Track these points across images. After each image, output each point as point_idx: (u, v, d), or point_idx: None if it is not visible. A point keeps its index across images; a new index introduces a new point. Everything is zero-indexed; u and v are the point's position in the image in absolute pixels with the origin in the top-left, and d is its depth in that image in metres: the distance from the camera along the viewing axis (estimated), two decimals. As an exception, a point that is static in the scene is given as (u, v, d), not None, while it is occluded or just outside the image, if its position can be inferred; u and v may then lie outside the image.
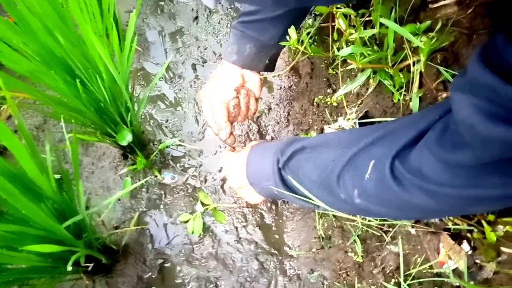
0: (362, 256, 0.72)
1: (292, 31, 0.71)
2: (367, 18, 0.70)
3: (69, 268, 0.59)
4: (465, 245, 0.60)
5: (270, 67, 0.84)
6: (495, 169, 0.37)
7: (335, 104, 0.84)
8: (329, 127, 0.82)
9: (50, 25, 0.66)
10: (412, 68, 0.61)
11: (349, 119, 0.76)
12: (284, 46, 0.76)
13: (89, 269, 0.72)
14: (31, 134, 1.04)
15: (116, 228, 0.89)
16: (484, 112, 0.33)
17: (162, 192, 0.94)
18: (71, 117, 0.80)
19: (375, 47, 0.66)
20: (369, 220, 0.69)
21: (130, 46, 0.73)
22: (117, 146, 0.96)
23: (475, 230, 0.59)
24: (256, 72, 0.80)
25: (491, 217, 0.58)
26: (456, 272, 0.61)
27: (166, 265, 0.85)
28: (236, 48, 0.76)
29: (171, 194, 0.93)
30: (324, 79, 0.89)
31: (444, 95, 0.58)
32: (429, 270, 0.64)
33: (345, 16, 0.73)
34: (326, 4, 0.73)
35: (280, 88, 1.02)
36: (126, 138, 0.86)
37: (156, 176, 0.95)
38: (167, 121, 1.04)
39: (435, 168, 0.42)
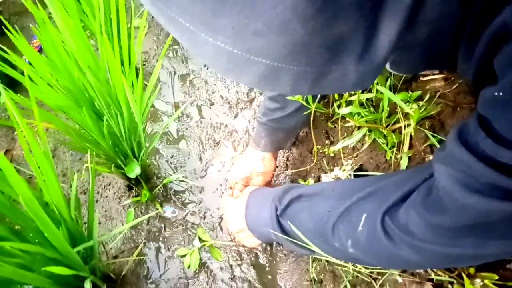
0: (351, 301, 0.76)
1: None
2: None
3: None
4: (446, 296, 0.65)
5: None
6: (469, 232, 0.43)
7: (332, 155, 0.91)
8: (326, 176, 0.88)
9: (83, 65, 0.74)
10: (403, 131, 0.69)
11: (344, 170, 0.83)
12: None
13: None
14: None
15: (115, 257, 0.92)
16: (461, 183, 0.39)
17: (162, 225, 0.98)
18: (86, 147, 0.86)
19: (371, 109, 0.75)
20: (360, 267, 0.74)
21: (152, 91, 0.80)
22: (123, 178, 1.01)
23: (455, 282, 0.64)
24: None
25: (471, 270, 0.63)
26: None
27: (161, 297, 0.88)
28: (269, 140, 0.88)
29: (171, 228, 0.97)
30: (323, 131, 0.96)
31: (431, 157, 0.66)
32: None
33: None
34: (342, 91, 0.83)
35: (281, 134, 1.09)
36: (135, 170, 0.91)
37: (157, 209, 0.99)
38: (172, 156, 1.10)
39: (420, 226, 0.47)
